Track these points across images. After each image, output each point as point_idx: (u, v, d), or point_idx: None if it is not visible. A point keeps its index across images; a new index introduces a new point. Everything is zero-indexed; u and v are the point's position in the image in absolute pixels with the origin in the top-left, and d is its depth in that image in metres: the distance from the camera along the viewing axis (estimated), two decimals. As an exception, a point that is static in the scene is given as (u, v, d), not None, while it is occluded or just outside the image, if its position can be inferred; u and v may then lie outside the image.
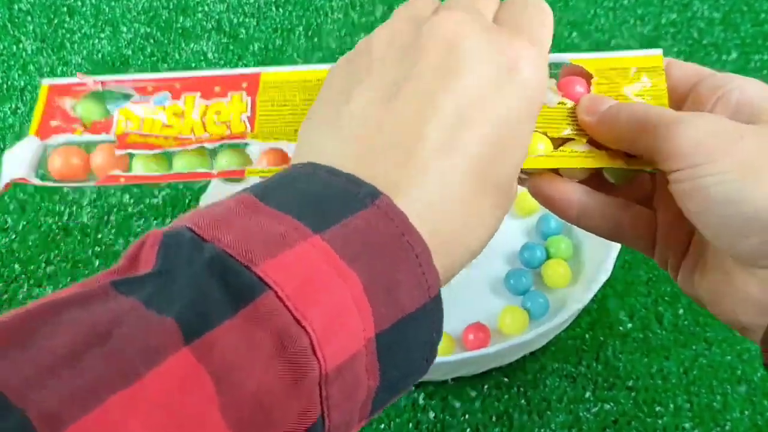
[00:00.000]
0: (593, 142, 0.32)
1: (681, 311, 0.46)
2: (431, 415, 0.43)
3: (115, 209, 0.52)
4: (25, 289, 0.48)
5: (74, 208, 0.52)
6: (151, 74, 0.36)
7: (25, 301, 0.47)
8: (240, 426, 0.19)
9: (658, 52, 0.33)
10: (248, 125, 0.35)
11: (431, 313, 0.23)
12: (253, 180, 0.33)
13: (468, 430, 0.42)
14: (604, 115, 0.31)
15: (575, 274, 0.47)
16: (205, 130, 0.35)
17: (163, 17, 0.64)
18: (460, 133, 0.25)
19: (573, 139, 0.33)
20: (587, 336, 0.46)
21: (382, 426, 0.42)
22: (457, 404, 0.43)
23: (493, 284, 0.47)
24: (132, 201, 0.53)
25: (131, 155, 0.35)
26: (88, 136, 0.35)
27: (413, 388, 0.44)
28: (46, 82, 0.35)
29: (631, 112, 0.30)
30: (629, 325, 0.46)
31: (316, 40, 0.63)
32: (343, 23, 0.64)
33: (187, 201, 0.53)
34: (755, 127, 0.29)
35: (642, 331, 0.46)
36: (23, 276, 0.49)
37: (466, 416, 0.43)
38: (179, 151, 0.35)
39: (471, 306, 0.46)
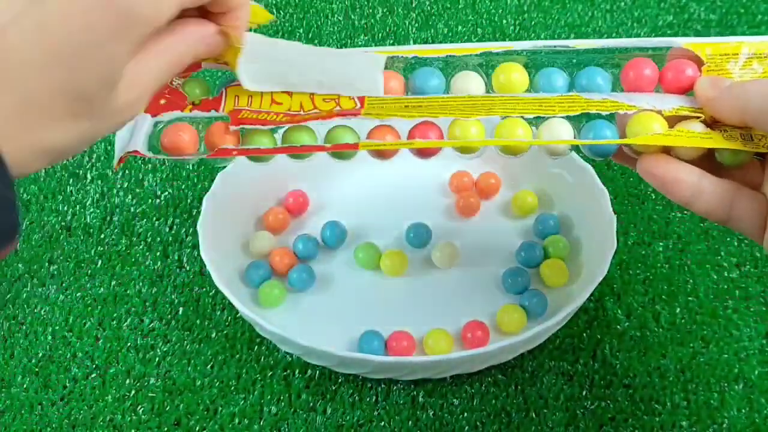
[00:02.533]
0: (708, 123, 0.33)
1: (678, 310, 0.47)
2: (430, 412, 0.43)
3: (117, 209, 0.53)
4: (29, 288, 0.48)
5: (77, 208, 0.53)
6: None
7: (29, 301, 0.48)
8: None
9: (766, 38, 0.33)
10: (357, 102, 0.35)
11: None
12: (365, 154, 0.35)
13: (466, 427, 0.43)
14: (731, 88, 0.31)
15: (573, 273, 0.47)
16: (314, 106, 0.35)
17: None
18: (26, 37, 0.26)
19: (687, 118, 0.33)
20: (584, 334, 0.46)
21: (382, 423, 0.43)
22: (456, 402, 0.44)
23: (492, 283, 0.48)
24: (134, 201, 0.53)
25: (242, 131, 0.35)
26: (198, 113, 0.36)
27: (413, 386, 0.44)
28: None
29: (760, 87, 0.30)
30: (626, 324, 0.46)
31: (316, 42, 0.64)
32: (343, 25, 0.65)
33: (189, 200, 0.53)
34: None
35: (639, 330, 0.46)
36: (27, 275, 0.49)
37: (465, 414, 0.43)
38: (289, 128, 0.35)
39: (469, 304, 0.46)
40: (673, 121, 0.33)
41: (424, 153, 0.36)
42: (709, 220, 0.33)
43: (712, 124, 0.33)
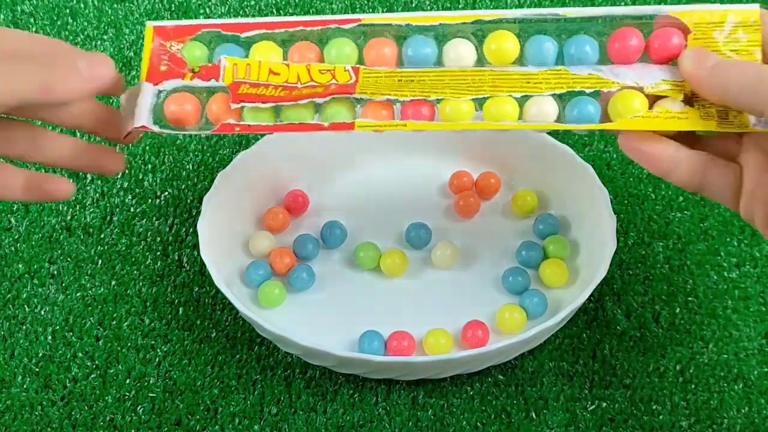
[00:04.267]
0: (687, 100, 0.34)
1: (677, 310, 0.47)
2: (430, 413, 0.43)
3: (117, 209, 0.53)
4: (29, 288, 0.49)
5: (77, 208, 0.53)
6: (253, 19, 0.37)
7: (29, 301, 0.48)
8: None
9: (756, 6, 0.34)
10: (352, 74, 0.36)
11: None
12: (360, 133, 0.36)
13: (467, 428, 0.43)
14: (714, 68, 0.33)
15: (572, 273, 0.47)
16: (311, 78, 0.36)
17: (165, 19, 0.65)
18: None
19: (667, 97, 0.35)
20: (584, 335, 0.46)
21: (382, 424, 0.43)
22: (456, 402, 0.44)
23: (492, 283, 0.48)
24: (134, 201, 0.53)
25: (243, 106, 0.37)
26: (199, 82, 0.37)
27: (413, 386, 0.44)
28: (150, 24, 0.36)
29: (741, 72, 0.32)
30: (626, 324, 0.47)
31: (316, 41, 0.64)
32: (343, 25, 0.65)
33: (189, 200, 0.53)
34: None
35: (639, 330, 0.46)
36: (27, 275, 0.49)
37: (465, 414, 0.43)
38: (288, 105, 0.36)
39: (469, 305, 0.46)
40: (654, 98, 0.35)
41: (415, 110, 0.37)
42: (684, 189, 0.35)
43: (692, 96, 0.35)
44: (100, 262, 0.50)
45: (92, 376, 0.45)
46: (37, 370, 0.45)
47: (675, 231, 0.51)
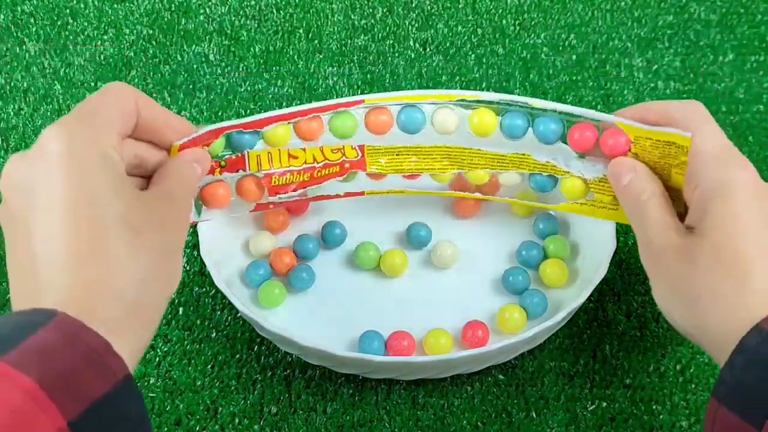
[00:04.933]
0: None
1: (677, 310, 0.47)
2: (431, 412, 0.43)
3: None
4: (28, 289, 0.48)
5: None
6: (263, 114, 0.42)
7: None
8: None
9: (689, 135, 0.38)
10: (358, 151, 0.45)
11: (124, 391, 0.28)
12: (371, 198, 0.48)
13: (467, 427, 0.43)
14: (622, 189, 0.41)
15: (572, 273, 0.47)
16: (325, 157, 0.45)
17: (165, 19, 0.65)
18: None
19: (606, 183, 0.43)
20: (584, 335, 0.46)
21: (382, 423, 0.43)
22: (456, 402, 0.44)
23: (492, 283, 0.48)
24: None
25: (278, 199, 0.46)
26: (228, 175, 0.44)
27: (413, 386, 0.44)
28: (176, 143, 0.40)
29: (630, 198, 0.40)
30: (626, 324, 0.47)
31: (316, 42, 0.64)
32: (343, 25, 0.65)
33: (188, 201, 0.53)
34: (684, 243, 0.36)
35: (639, 330, 0.46)
36: (27, 275, 0.49)
37: (465, 414, 0.43)
38: (314, 188, 0.46)
39: (470, 304, 0.46)
40: (595, 185, 0.43)
41: (411, 177, 0.47)
42: None
43: None
44: (100, 262, 0.50)
45: (92, 376, 0.45)
46: (37, 370, 0.45)
47: (675, 231, 0.51)
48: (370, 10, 0.66)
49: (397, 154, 0.45)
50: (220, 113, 0.59)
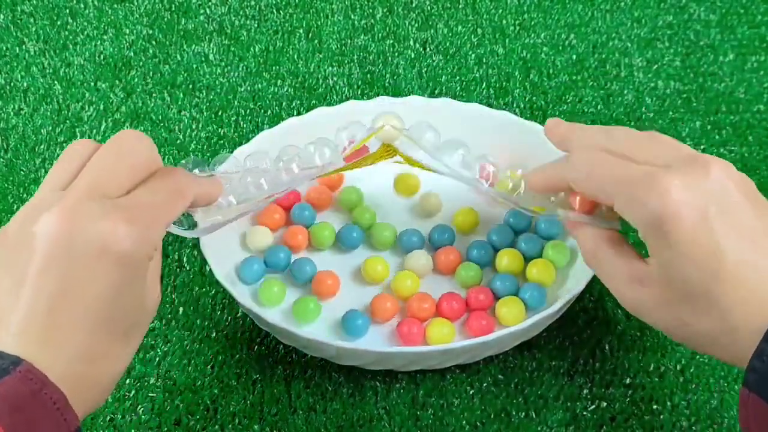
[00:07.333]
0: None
1: (677, 310, 0.47)
2: (430, 412, 0.43)
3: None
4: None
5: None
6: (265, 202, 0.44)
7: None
8: None
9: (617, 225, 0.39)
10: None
11: None
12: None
13: (467, 427, 0.43)
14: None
15: (573, 262, 0.47)
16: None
17: (165, 19, 0.65)
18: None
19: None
20: (584, 334, 0.46)
21: (382, 423, 0.43)
22: (456, 401, 0.44)
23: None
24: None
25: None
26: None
27: (413, 385, 0.44)
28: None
29: (593, 266, 0.40)
30: (626, 324, 0.47)
31: (316, 42, 0.64)
32: (343, 25, 0.65)
33: (188, 201, 0.53)
34: (655, 291, 0.36)
35: (639, 330, 0.46)
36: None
37: (465, 413, 0.43)
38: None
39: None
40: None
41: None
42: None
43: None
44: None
45: (92, 375, 0.45)
46: (37, 369, 0.45)
47: (675, 231, 0.51)
48: (370, 10, 0.66)
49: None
50: (220, 113, 0.59)
